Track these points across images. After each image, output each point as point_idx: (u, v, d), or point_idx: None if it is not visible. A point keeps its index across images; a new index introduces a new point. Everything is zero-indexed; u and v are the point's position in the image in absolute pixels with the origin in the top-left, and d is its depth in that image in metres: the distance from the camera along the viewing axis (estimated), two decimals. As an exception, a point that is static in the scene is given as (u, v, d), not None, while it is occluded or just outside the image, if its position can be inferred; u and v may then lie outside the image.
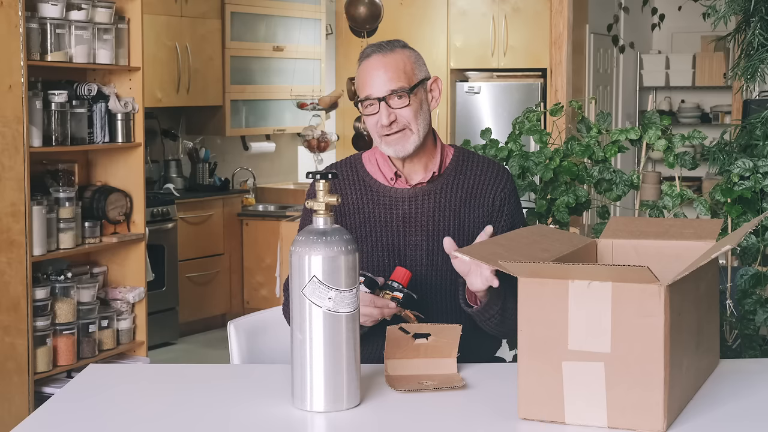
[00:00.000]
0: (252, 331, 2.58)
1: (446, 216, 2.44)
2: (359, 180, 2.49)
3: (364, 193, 2.47)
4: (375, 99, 2.37)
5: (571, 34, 6.46)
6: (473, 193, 2.46)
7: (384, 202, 2.45)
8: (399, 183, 2.46)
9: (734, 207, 3.04)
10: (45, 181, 4.74)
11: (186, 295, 6.78)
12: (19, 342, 4.47)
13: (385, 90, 2.36)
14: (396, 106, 2.37)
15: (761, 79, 3.31)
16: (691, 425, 1.84)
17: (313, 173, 2.00)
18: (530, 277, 1.86)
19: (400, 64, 2.38)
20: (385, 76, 2.36)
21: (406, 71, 2.38)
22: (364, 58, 2.42)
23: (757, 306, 2.98)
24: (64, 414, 1.99)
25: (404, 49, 2.42)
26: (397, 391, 2.05)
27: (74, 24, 4.68)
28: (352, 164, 2.53)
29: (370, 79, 2.38)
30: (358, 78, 2.43)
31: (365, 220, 2.45)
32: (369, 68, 2.39)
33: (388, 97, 2.36)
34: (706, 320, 2.06)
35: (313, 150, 7.96)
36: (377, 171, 2.48)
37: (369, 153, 2.53)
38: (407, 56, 2.40)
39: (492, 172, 2.50)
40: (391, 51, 2.39)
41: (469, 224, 2.44)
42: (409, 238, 2.43)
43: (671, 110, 9.39)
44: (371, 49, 2.42)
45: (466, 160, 2.51)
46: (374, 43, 2.46)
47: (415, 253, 2.43)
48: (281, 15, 7.77)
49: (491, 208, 2.46)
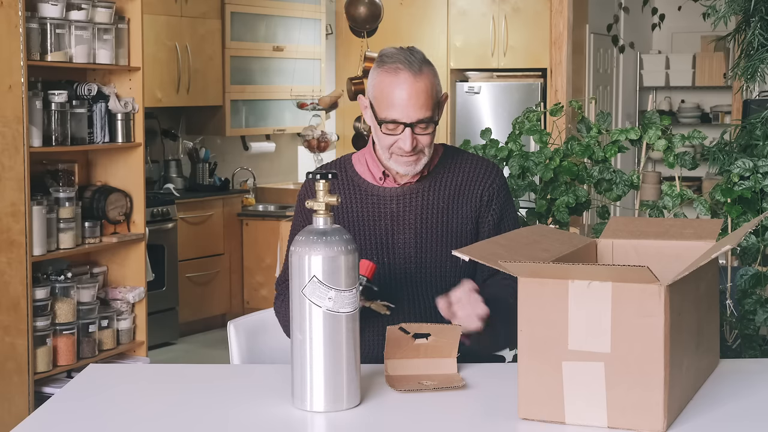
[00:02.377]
0: (252, 331, 2.58)
1: (434, 213, 2.45)
2: (348, 180, 2.49)
3: (353, 193, 2.47)
4: (401, 124, 2.32)
5: (571, 34, 6.45)
6: (461, 190, 2.47)
7: (372, 201, 2.46)
8: (387, 182, 2.47)
9: (734, 207, 3.04)
10: (45, 181, 4.74)
11: (186, 295, 6.78)
12: (19, 342, 4.47)
13: (414, 118, 2.30)
14: (420, 133, 2.33)
15: (761, 79, 3.31)
16: (691, 425, 1.84)
17: (312, 173, 2.00)
18: (530, 277, 1.86)
19: (429, 90, 2.31)
20: (417, 103, 2.29)
21: (433, 96, 2.32)
22: (392, 71, 2.31)
23: (757, 306, 2.98)
24: (64, 414, 1.99)
25: (430, 68, 2.34)
26: (397, 391, 2.05)
27: (74, 24, 4.68)
28: (342, 165, 2.53)
29: (400, 103, 2.30)
30: (380, 90, 2.33)
31: (354, 219, 2.45)
32: (398, 89, 2.30)
33: (415, 124, 2.32)
34: (706, 320, 2.06)
35: (313, 150, 7.96)
36: (366, 171, 2.49)
37: (359, 154, 2.53)
38: (433, 76, 2.33)
39: (480, 169, 2.49)
40: (420, 72, 2.30)
41: (456, 221, 2.45)
42: (398, 236, 2.44)
43: (671, 110, 9.39)
44: (400, 64, 2.31)
45: (455, 158, 2.51)
46: (397, 51, 2.35)
47: (404, 251, 2.44)
48: (281, 15, 7.77)
49: (479, 204, 2.46)
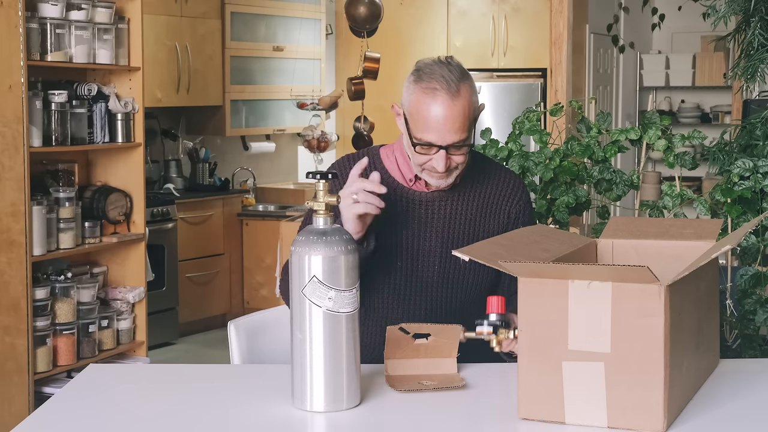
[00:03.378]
0: (252, 331, 2.57)
1: (462, 223, 2.41)
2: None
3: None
4: (436, 146, 2.25)
5: (571, 34, 6.46)
6: (489, 204, 2.43)
7: (402, 202, 2.39)
8: (417, 185, 2.40)
9: (734, 207, 3.04)
10: (45, 181, 4.74)
11: (186, 295, 6.78)
12: (19, 342, 4.47)
13: (449, 141, 2.24)
14: (454, 154, 2.28)
15: (761, 79, 3.31)
16: (691, 425, 1.84)
17: (313, 173, 2.00)
18: (530, 277, 1.86)
19: (467, 110, 2.23)
20: (453, 127, 2.23)
21: (469, 116, 2.24)
22: (429, 92, 2.23)
23: (757, 306, 2.98)
24: (64, 414, 1.99)
25: (467, 85, 2.25)
26: (397, 391, 2.05)
27: (74, 24, 4.68)
28: (371, 159, 2.41)
29: (436, 127, 2.23)
30: (416, 109, 2.25)
31: (384, 219, 2.34)
32: (434, 111, 2.22)
33: (450, 147, 2.26)
34: (706, 320, 2.06)
35: (313, 150, 7.96)
36: (396, 170, 2.42)
37: (387, 149, 2.45)
38: (471, 94, 2.25)
39: (509, 183, 2.46)
40: (458, 93, 2.22)
41: (483, 234, 2.40)
42: (424, 242, 2.39)
43: (671, 110, 9.39)
44: (437, 83, 2.23)
45: (483, 167, 2.46)
46: (436, 65, 2.26)
47: (429, 259, 2.39)
48: (281, 15, 7.77)
49: (506, 221, 2.44)
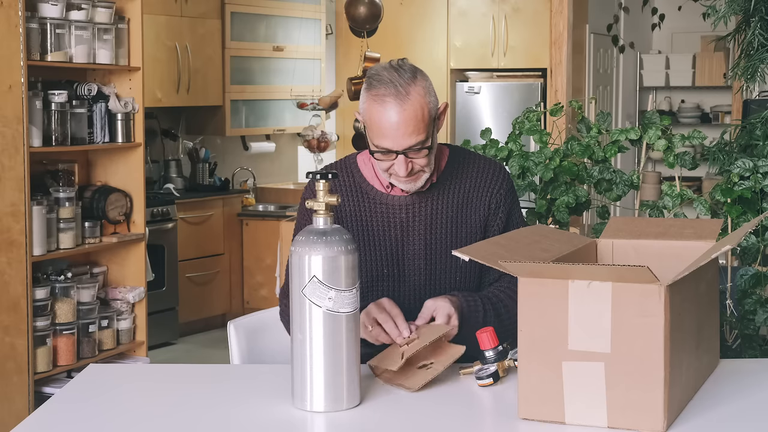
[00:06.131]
0: (252, 331, 2.57)
1: (442, 222, 2.39)
2: (356, 186, 2.41)
3: (362, 200, 2.40)
4: (393, 152, 2.24)
5: (571, 34, 6.45)
6: (469, 198, 2.41)
7: (381, 209, 2.39)
8: (395, 190, 2.39)
9: (734, 207, 3.04)
10: (45, 181, 4.74)
11: (186, 295, 6.78)
12: (19, 342, 4.47)
13: (405, 145, 2.23)
14: (414, 156, 2.26)
15: (761, 79, 3.31)
16: (691, 425, 1.84)
17: (313, 173, 2.00)
18: (530, 277, 1.86)
19: (419, 113, 2.21)
20: (406, 132, 2.21)
21: (424, 118, 2.22)
22: (378, 99, 2.22)
23: (757, 306, 2.98)
24: (64, 414, 1.99)
25: (418, 87, 2.23)
26: (406, 390, 2.04)
27: (74, 24, 4.68)
28: (348, 167, 2.44)
29: (389, 133, 2.22)
30: (369, 117, 2.25)
31: (364, 228, 2.38)
32: (386, 118, 2.21)
33: (407, 150, 2.25)
34: (706, 320, 2.06)
35: (313, 150, 7.96)
36: (373, 177, 2.41)
37: (364, 155, 2.45)
38: (422, 96, 2.22)
39: (487, 173, 2.44)
40: (407, 96, 2.20)
41: (465, 230, 2.40)
42: (407, 246, 2.38)
43: (671, 110, 9.39)
44: (385, 89, 2.22)
45: (462, 162, 2.44)
46: (384, 71, 2.25)
47: (414, 262, 2.38)
48: (281, 15, 7.76)
49: (487, 212, 2.42)
